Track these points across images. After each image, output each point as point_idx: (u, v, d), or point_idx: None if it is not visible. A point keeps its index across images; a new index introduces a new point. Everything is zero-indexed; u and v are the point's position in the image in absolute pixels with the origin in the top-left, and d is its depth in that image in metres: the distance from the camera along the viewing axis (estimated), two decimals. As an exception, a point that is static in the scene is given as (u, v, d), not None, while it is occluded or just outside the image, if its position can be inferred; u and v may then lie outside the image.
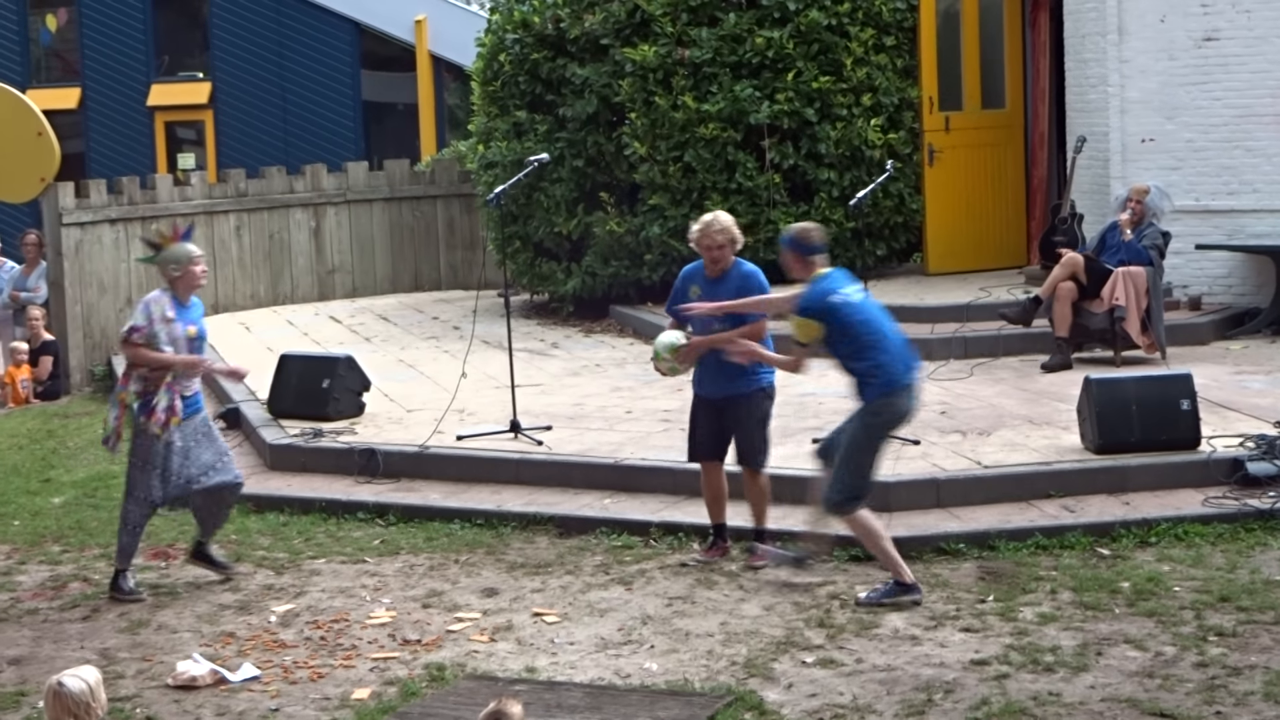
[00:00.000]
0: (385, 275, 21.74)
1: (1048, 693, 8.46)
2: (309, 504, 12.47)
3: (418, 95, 29.64)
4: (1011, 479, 11.49)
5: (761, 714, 8.41)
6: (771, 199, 17.79)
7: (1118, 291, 14.63)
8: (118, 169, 27.78)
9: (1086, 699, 8.38)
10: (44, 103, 21.26)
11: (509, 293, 14.46)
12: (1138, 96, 16.76)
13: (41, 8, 33.89)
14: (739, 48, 17.79)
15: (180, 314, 11.03)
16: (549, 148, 17.79)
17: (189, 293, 11.16)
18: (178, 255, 11.10)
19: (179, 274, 11.07)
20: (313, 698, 8.91)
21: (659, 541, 11.22)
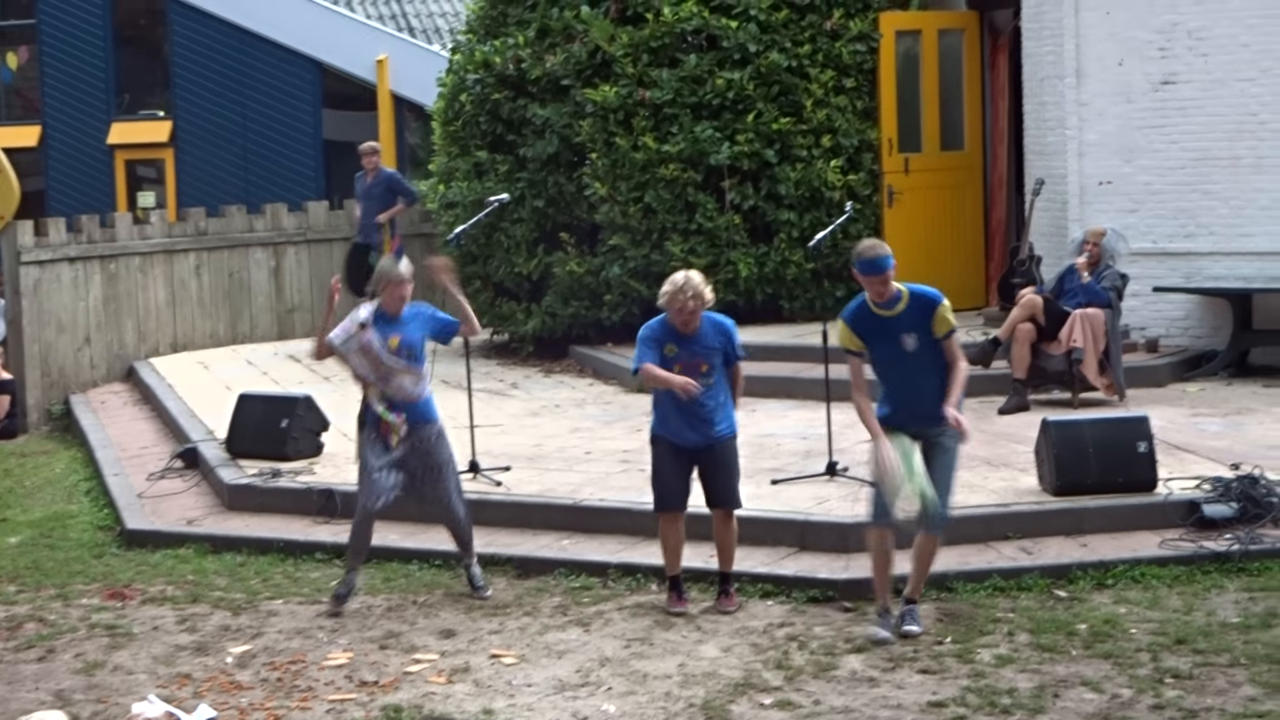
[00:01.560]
0: (345, 315, 21.62)
1: (1004, 735, 8.48)
2: (267, 544, 12.43)
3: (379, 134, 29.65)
4: (969, 520, 11.49)
5: (719, 756, 8.39)
6: (731, 240, 17.83)
7: (1075, 333, 14.69)
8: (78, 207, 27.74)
9: (1043, 741, 8.39)
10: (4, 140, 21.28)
11: (469, 333, 14.44)
12: (1096, 139, 16.85)
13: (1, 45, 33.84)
14: (699, 89, 17.85)
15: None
16: (509, 188, 17.82)
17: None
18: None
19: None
20: (269, 740, 8.87)
21: (617, 583, 11.20)
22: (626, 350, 17.54)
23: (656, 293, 17.56)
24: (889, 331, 10.07)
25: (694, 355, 10.65)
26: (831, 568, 11.01)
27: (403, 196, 20.79)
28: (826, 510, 11.74)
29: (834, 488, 12.30)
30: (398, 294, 11.27)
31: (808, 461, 13.03)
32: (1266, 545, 11.07)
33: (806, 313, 17.90)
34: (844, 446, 13.14)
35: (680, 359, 10.63)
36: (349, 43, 30.75)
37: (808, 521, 11.56)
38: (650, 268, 17.81)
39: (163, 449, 15.57)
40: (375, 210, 20.58)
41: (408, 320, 11.27)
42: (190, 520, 13.13)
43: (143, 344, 20.48)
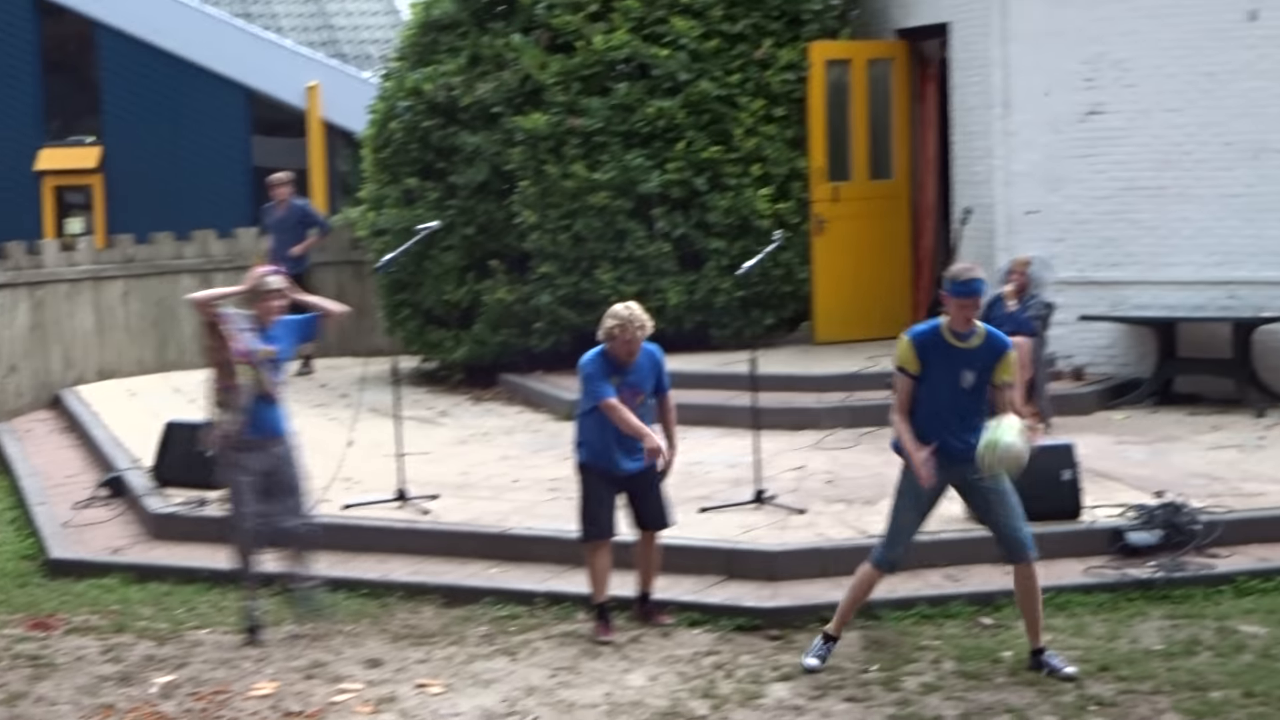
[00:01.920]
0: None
1: (929, 763, 8.51)
2: (192, 574, 12.36)
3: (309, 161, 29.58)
4: (896, 548, 11.53)
5: (644, 785, 8.40)
6: (661, 268, 17.86)
7: (1002, 362, 14.74)
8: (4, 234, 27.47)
9: (967, 769, 8.42)
10: (-69, 167, 21.10)
11: (398, 360, 14.41)
12: (1023, 169, 16.96)
13: (-72, 71, 33.62)
14: (630, 117, 17.88)
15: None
16: (439, 215, 17.80)
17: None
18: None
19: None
20: (192, 770, 8.83)
21: (544, 611, 11.20)
22: (556, 378, 17.61)
23: (586, 320, 17.78)
24: (954, 363, 9.78)
25: (633, 386, 10.73)
26: (758, 596, 11.03)
27: (317, 228, 20.57)
28: (754, 539, 11.77)
29: (761, 516, 12.33)
30: (271, 306, 11.14)
31: (735, 490, 13.05)
32: (1189, 573, 11.16)
33: (735, 341, 17.93)
34: (772, 475, 13.18)
35: (622, 391, 10.67)
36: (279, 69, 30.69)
37: (735, 550, 11.58)
38: (580, 295, 17.82)
39: (89, 478, 15.48)
40: (290, 242, 20.22)
41: (277, 333, 11.19)
42: (115, 549, 13.05)
43: (69, 371, 20.36)
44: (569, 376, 17.45)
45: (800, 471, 13.71)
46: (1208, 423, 15.17)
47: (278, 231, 20.37)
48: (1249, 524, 11.65)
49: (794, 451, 14.41)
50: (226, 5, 32.77)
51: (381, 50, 31.45)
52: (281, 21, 33.60)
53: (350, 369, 20.08)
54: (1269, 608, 10.70)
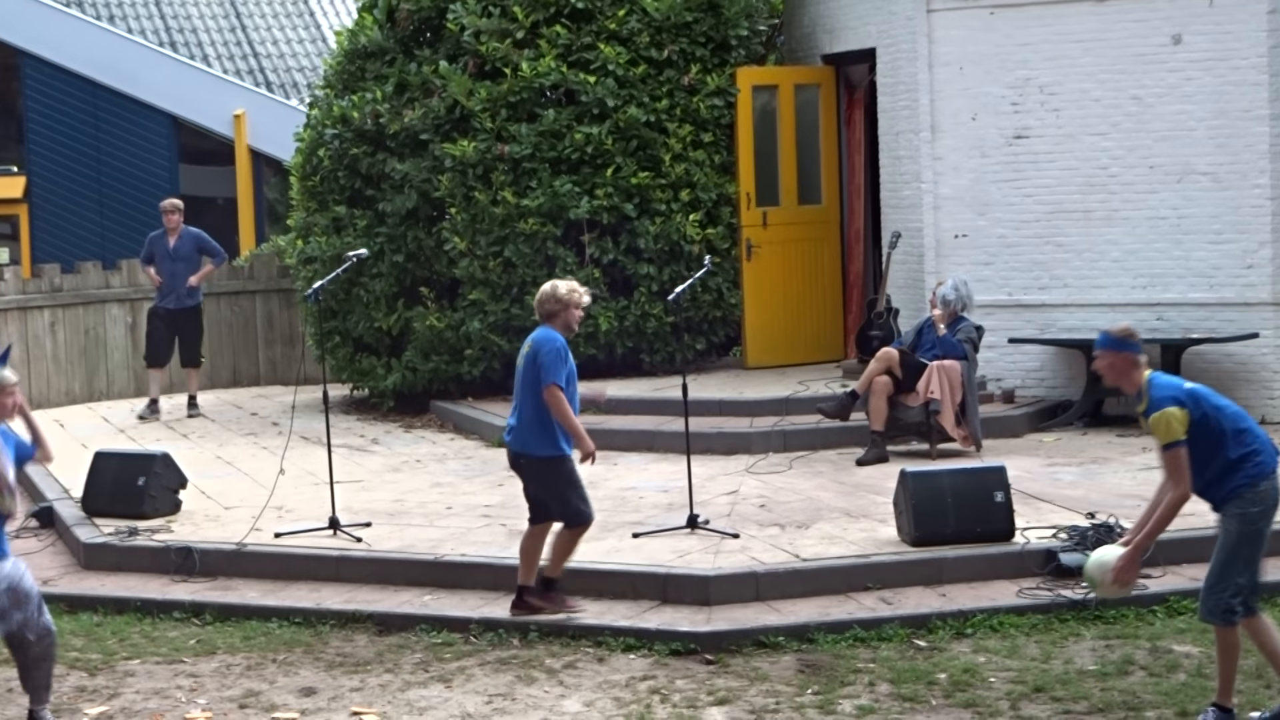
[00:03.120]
0: (204, 371, 21.49)
1: (866, 785, 8.51)
2: (124, 603, 12.26)
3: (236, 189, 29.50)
4: (830, 572, 11.57)
5: (582, 811, 8.38)
6: (592, 294, 17.84)
7: (932, 385, 14.84)
8: (-71, 264, 27.33)
9: (904, 791, 8.44)
10: None
11: (328, 388, 14.36)
12: (950, 193, 17.05)
13: None
14: (558, 143, 17.89)
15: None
16: (368, 243, 17.77)
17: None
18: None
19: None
20: (126, 802, 8.76)
21: (479, 638, 11.16)
22: (487, 405, 17.59)
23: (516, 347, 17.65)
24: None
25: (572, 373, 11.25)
26: (693, 620, 11.03)
27: (213, 257, 19.61)
28: (688, 563, 11.76)
29: (695, 540, 12.33)
30: (6, 404, 9.73)
31: (669, 514, 13.06)
32: (1121, 593, 11.20)
33: (667, 366, 17.95)
34: (705, 499, 13.19)
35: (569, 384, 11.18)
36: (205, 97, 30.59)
37: (669, 574, 11.58)
38: (511, 322, 17.80)
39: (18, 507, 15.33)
40: (186, 273, 19.26)
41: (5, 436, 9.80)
42: (46, 580, 12.91)
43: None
44: (500, 403, 17.54)
45: (733, 496, 13.73)
46: (1138, 444, 15.25)
47: (173, 261, 19.29)
48: (1180, 544, 11.70)
49: (726, 476, 14.43)
50: (151, 34, 32.66)
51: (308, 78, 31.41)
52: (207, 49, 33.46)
53: (280, 397, 20.00)
54: (1201, 627, 10.73)
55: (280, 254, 21.65)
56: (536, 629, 11.09)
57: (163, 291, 19.40)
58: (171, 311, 19.39)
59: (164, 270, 19.34)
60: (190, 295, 19.33)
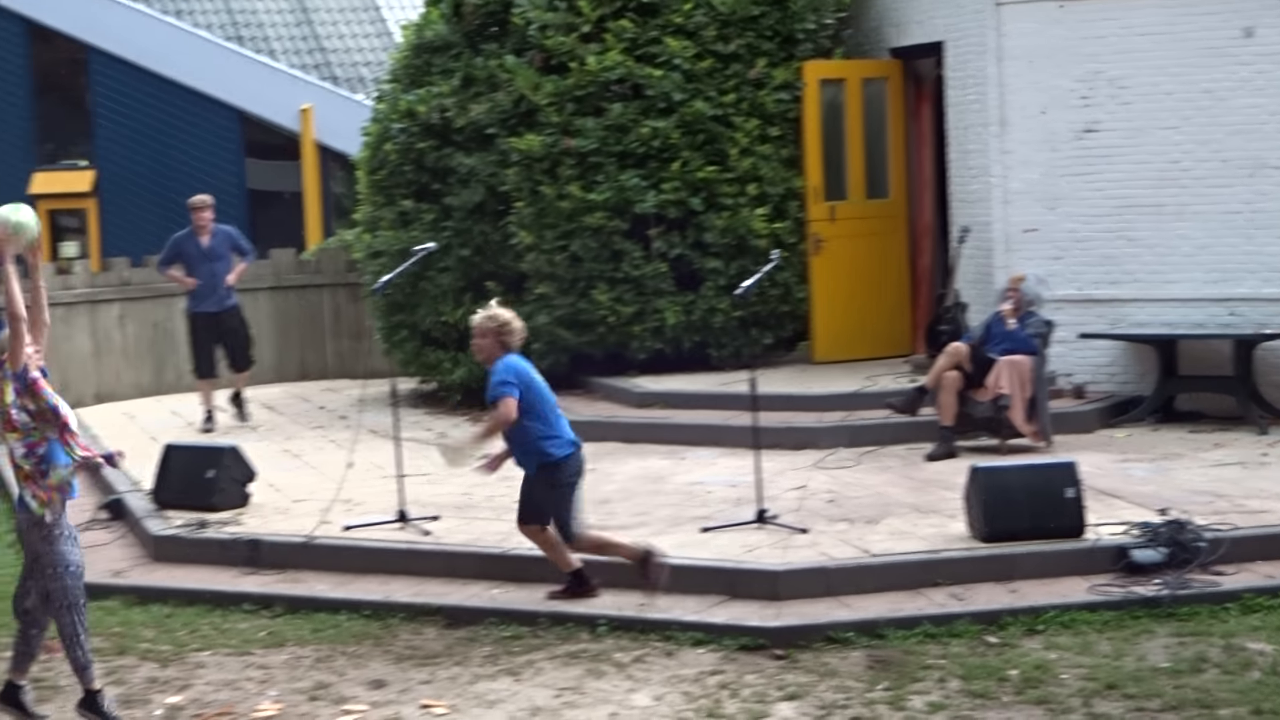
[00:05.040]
0: (271, 365, 21.61)
1: (938, 781, 8.47)
2: (194, 595, 12.32)
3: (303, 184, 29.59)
4: (900, 567, 11.51)
5: (653, 806, 8.36)
6: (658, 288, 17.84)
7: (1002, 380, 14.76)
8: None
9: (977, 787, 8.39)
10: (-76, 190, 21.06)
11: (396, 382, 14.37)
12: (1020, 187, 16.96)
13: (-79, 95, 33.60)
14: (625, 137, 17.87)
15: None
16: (435, 236, 17.78)
17: None
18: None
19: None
20: (198, 793, 8.79)
21: (547, 631, 11.15)
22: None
23: (583, 341, 17.78)
24: None
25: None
26: (762, 615, 10.99)
27: (245, 254, 18.77)
28: (757, 558, 11.73)
29: (763, 535, 12.29)
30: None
31: (737, 509, 13.02)
32: (1194, 590, 11.11)
33: (734, 360, 17.91)
34: (773, 494, 13.15)
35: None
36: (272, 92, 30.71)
37: (738, 569, 11.54)
38: (577, 316, 17.81)
39: (89, 500, 15.40)
40: (225, 271, 18.35)
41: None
42: (117, 572, 13.00)
43: (67, 395, 20.07)
44: (568, 397, 17.52)
45: (802, 491, 13.68)
46: (1210, 440, 15.15)
47: (208, 261, 18.38)
48: (1254, 541, 11.62)
49: (795, 471, 14.38)
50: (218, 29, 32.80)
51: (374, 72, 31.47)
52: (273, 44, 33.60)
53: (348, 390, 20.06)
54: (1276, 625, 10.67)
55: (347, 248, 21.70)
56: (606, 623, 11.07)
57: (200, 294, 18.41)
58: (214, 315, 18.46)
59: (200, 271, 18.37)
60: (229, 295, 18.48)
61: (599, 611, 11.19)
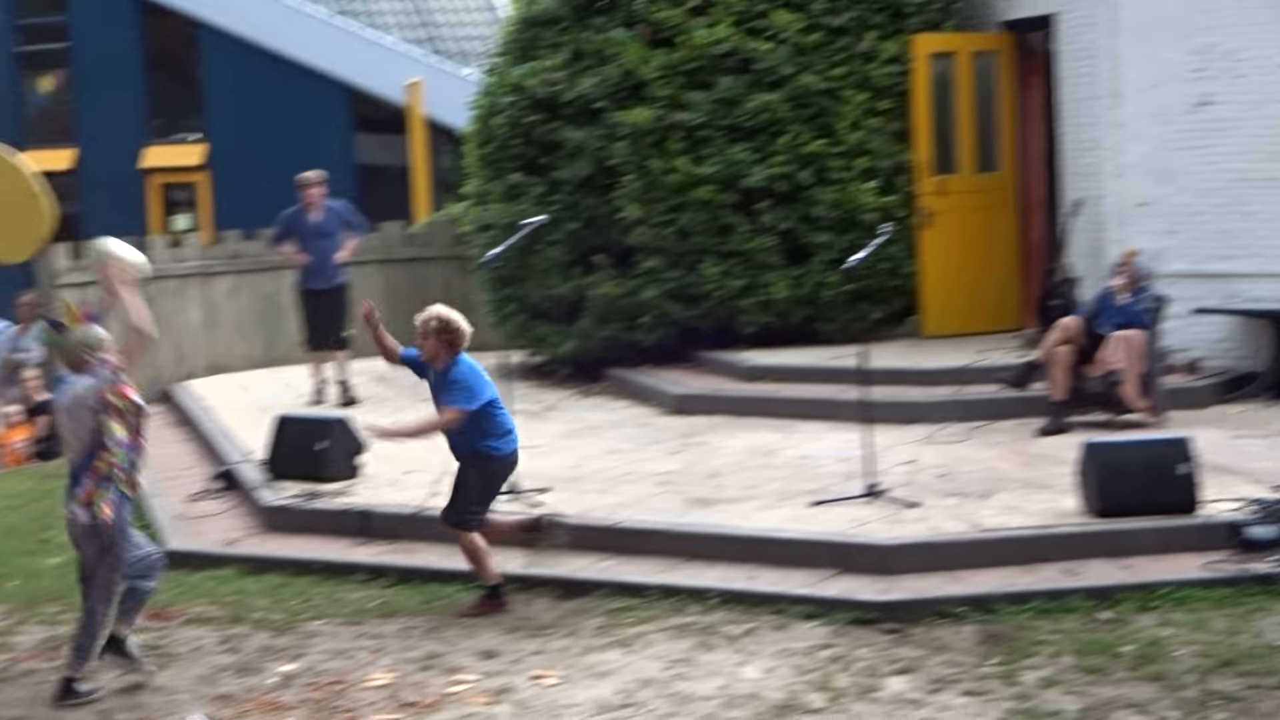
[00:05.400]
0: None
1: (1052, 757, 8.44)
2: (306, 565, 12.42)
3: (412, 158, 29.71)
4: (1011, 542, 11.46)
5: (764, 778, 8.37)
6: (767, 262, 17.81)
7: (1114, 355, 14.65)
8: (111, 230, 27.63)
9: (1091, 763, 8.35)
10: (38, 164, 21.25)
11: (505, 355, 14.40)
12: (1133, 160, 16.80)
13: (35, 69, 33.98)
14: (733, 111, 17.84)
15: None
16: (543, 210, 17.80)
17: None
18: (90, 340, 10.15)
19: (91, 360, 10.09)
20: (312, 760, 8.87)
21: (658, 603, 11.16)
22: (664, 372, 17.64)
23: (692, 314, 17.78)
24: None
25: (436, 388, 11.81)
26: (873, 589, 10.97)
27: (357, 230, 18.72)
28: (867, 532, 11.71)
29: (873, 509, 12.25)
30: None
31: (846, 484, 12.98)
32: (1311, 567, 11.01)
33: (843, 335, 17.84)
34: (883, 469, 13.10)
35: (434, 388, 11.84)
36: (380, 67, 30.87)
37: (848, 543, 11.53)
38: (686, 290, 17.81)
39: (201, 471, 15.59)
40: (335, 248, 18.26)
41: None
42: (230, 541, 13.13)
43: (180, 366, 20.53)
44: (677, 370, 17.62)
45: (912, 465, 13.63)
46: (1325, 416, 15.00)
47: (319, 238, 18.28)
48: (1370, 518, 11.49)
49: (904, 445, 14.33)
50: (327, 3, 32.99)
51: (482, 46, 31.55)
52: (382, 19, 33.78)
53: (456, 364, 20.11)
54: (1393, 602, 10.57)
55: (456, 221, 21.78)
56: (716, 596, 11.08)
57: (311, 271, 18.35)
58: (321, 293, 18.35)
59: (311, 248, 18.26)
60: (339, 273, 18.40)
61: (710, 584, 11.20)
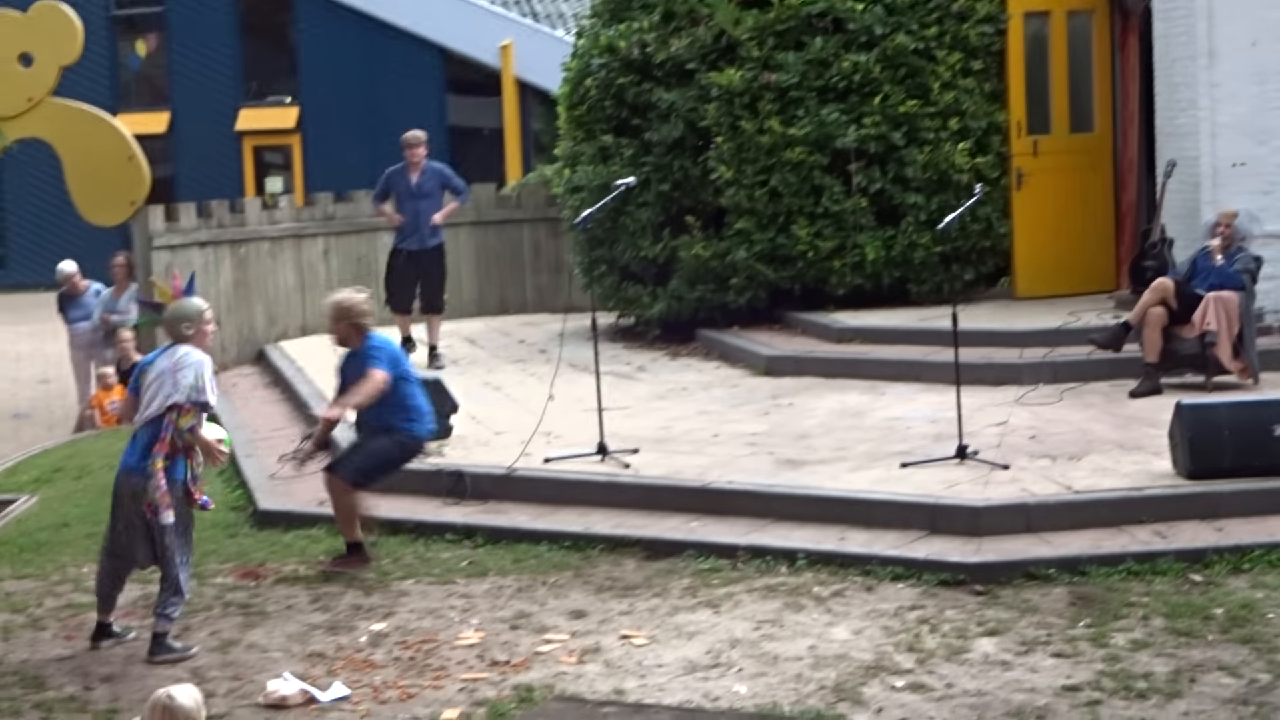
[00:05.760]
0: (471, 299, 21.82)
1: (1140, 719, 8.39)
2: (397, 525, 12.48)
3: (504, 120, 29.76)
4: (1102, 504, 11.39)
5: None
6: (858, 223, 17.76)
7: (1209, 316, 14.52)
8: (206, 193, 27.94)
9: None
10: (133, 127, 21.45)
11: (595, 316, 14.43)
12: (1228, 121, 16.63)
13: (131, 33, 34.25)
14: (825, 72, 17.78)
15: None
16: (635, 172, 17.80)
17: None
18: (189, 312, 10.30)
19: (192, 332, 10.26)
20: (402, 717, 8.93)
21: (746, 564, 11.18)
22: (753, 334, 17.62)
23: (782, 276, 17.76)
24: None
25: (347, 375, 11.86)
26: (963, 551, 10.93)
27: (458, 194, 18.61)
28: (957, 493, 11.66)
29: (964, 471, 12.20)
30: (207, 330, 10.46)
31: (937, 445, 12.94)
32: (1406, 530, 10.91)
33: (934, 296, 17.78)
34: (974, 430, 13.05)
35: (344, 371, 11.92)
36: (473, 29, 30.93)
37: (938, 505, 11.49)
38: (777, 251, 17.77)
39: (293, 431, 15.69)
40: (431, 210, 18.20)
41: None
42: (321, 501, 13.13)
43: (272, 327, 20.68)
44: (767, 332, 17.60)
45: (1002, 427, 13.56)
46: None
47: (415, 199, 18.24)
48: None
49: (995, 407, 14.26)
50: (420, -34, 33.04)
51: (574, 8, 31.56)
52: (475, -19, 33.79)
53: (547, 325, 20.19)
54: None
55: (547, 183, 21.81)
56: (804, 557, 11.07)
57: (405, 231, 18.35)
58: (415, 253, 18.32)
59: (406, 209, 18.29)
60: (434, 235, 18.34)
61: (799, 545, 11.20)
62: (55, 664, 10.06)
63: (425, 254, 18.38)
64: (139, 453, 10.17)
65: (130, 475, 10.18)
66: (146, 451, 10.12)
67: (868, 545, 11.13)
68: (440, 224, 18.44)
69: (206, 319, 10.38)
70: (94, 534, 12.55)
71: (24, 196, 33.87)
